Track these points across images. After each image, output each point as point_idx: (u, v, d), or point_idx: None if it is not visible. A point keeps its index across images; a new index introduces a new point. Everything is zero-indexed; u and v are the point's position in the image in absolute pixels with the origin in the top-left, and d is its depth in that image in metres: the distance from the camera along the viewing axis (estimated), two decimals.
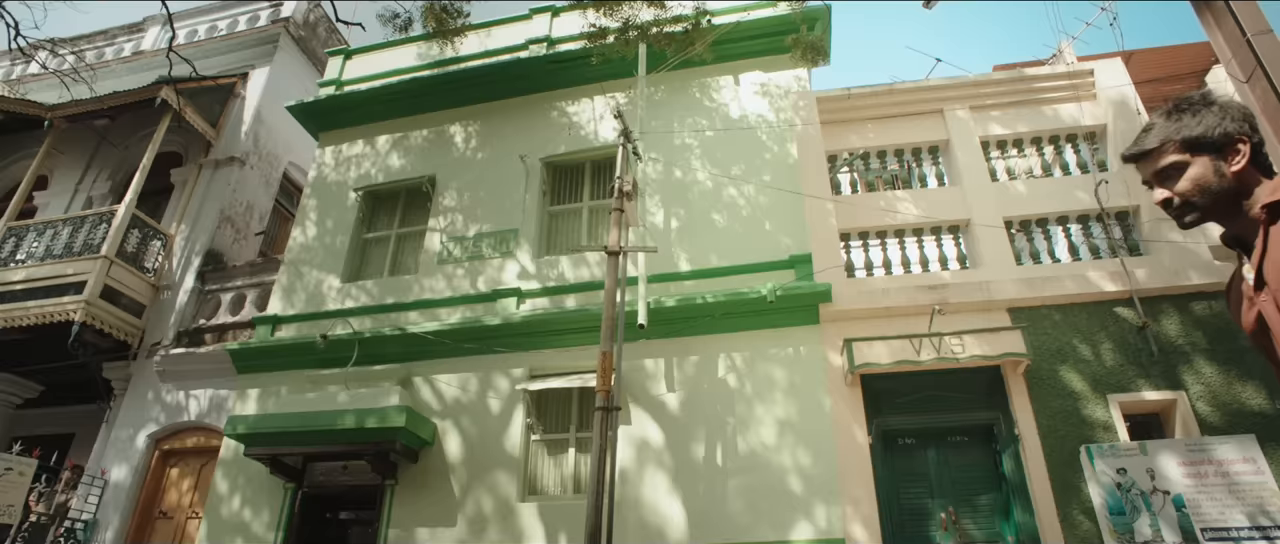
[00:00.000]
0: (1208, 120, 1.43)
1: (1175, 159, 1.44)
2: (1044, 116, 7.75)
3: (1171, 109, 1.50)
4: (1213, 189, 1.41)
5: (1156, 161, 1.47)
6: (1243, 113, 1.43)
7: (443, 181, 8.89)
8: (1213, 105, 1.44)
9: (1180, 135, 1.44)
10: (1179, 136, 1.44)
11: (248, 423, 7.13)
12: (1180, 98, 1.50)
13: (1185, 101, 1.49)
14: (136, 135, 10.77)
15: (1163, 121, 1.49)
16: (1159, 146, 1.47)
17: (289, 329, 8.41)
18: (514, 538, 6.56)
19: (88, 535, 7.71)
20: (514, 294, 7.73)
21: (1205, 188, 1.42)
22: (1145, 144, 1.50)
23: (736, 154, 8.03)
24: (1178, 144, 1.44)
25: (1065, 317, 6.53)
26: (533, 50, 9.47)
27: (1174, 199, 1.46)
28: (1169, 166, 1.45)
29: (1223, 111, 1.43)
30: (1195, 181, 1.42)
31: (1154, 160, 1.48)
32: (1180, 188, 1.44)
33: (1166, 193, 1.47)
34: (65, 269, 8.60)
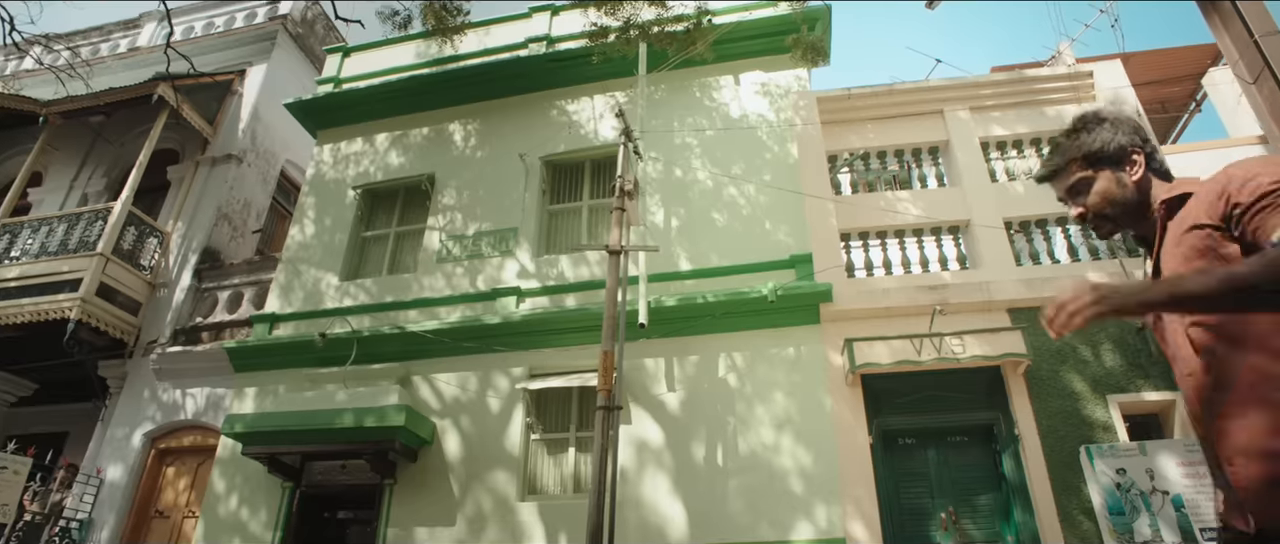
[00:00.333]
0: (1102, 135, 1.54)
1: (1080, 175, 1.55)
2: (1044, 117, 7.77)
3: (1071, 129, 1.60)
4: (1118, 199, 1.52)
5: (1065, 179, 1.58)
6: (1132, 125, 1.55)
7: (442, 180, 8.86)
8: (1105, 121, 1.56)
9: (1080, 152, 1.55)
10: (1079, 154, 1.55)
11: (246, 422, 7.09)
12: (1078, 117, 1.61)
13: (1081, 120, 1.59)
14: (133, 132, 10.70)
15: (1065, 141, 1.59)
16: (1064, 165, 1.57)
17: (287, 328, 8.37)
18: (514, 537, 6.54)
19: (83, 535, 7.65)
20: (514, 293, 7.71)
21: (1111, 199, 1.53)
22: (1051, 164, 1.60)
23: (737, 153, 8.02)
24: (1080, 161, 1.55)
25: None
26: (532, 49, 9.45)
27: (1088, 213, 1.56)
28: (1076, 183, 1.56)
29: (1115, 126, 1.55)
30: (1102, 195, 1.53)
31: (1063, 179, 1.59)
32: (1089, 202, 1.55)
33: (1080, 208, 1.57)
34: (61, 266, 8.54)
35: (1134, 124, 1.56)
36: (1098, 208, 1.54)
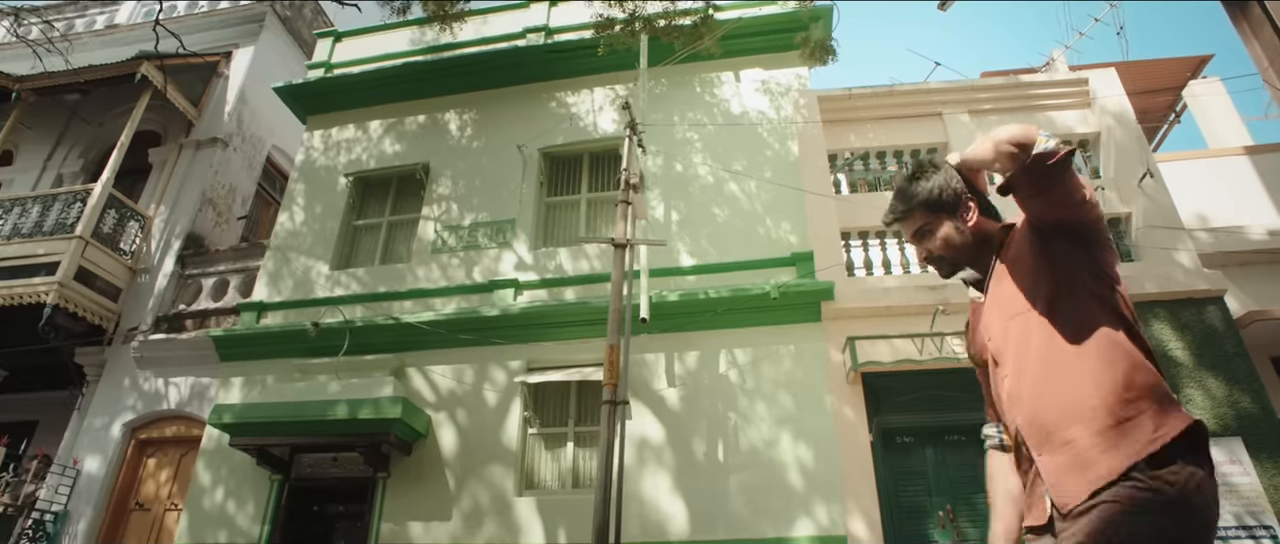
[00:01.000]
0: (937, 182, 1.65)
1: (923, 222, 1.67)
2: (1040, 123, 7.87)
3: (909, 176, 1.71)
4: (957, 244, 1.64)
5: (911, 225, 1.69)
6: (956, 182, 1.66)
7: (437, 169, 8.72)
8: (939, 169, 1.67)
9: (919, 201, 1.66)
10: (918, 202, 1.66)
11: (234, 412, 6.89)
12: (915, 164, 1.73)
13: (918, 168, 1.71)
14: (111, 112, 10.36)
15: (905, 187, 1.70)
16: (907, 212, 1.68)
17: (275, 316, 8.17)
18: (511, 532, 6.46)
19: (58, 528, 7.39)
20: (511, 285, 7.61)
21: (951, 244, 1.65)
22: (896, 211, 1.71)
23: (737, 150, 8.02)
24: (921, 209, 1.66)
25: None
26: (531, 39, 9.34)
27: (932, 255, 1.68)
28: (921, 229, 1.67)
29: (947, 175, 1.66)
30: (944, 240, 1.65)
31: (908, 224, 1.70)
32: (933, 246, 1.67)
33: (924, 250, 1.69)
34: (36, 249, 8.22)
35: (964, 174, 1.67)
36: (940, 251, 1.66)
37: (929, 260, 1.71)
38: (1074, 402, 1.37)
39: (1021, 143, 1.35)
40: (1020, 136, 1.35)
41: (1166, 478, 1.25)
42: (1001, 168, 1.43)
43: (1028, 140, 1.34)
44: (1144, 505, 1.25)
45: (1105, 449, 1.30)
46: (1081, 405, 1.36)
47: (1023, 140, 1.35)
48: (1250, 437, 5.85)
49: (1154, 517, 1.24)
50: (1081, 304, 1.45)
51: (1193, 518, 1.25)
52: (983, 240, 1.64)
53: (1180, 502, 1.25)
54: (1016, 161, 1.36)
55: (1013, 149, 1.36)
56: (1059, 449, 1.37)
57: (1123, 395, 1.34)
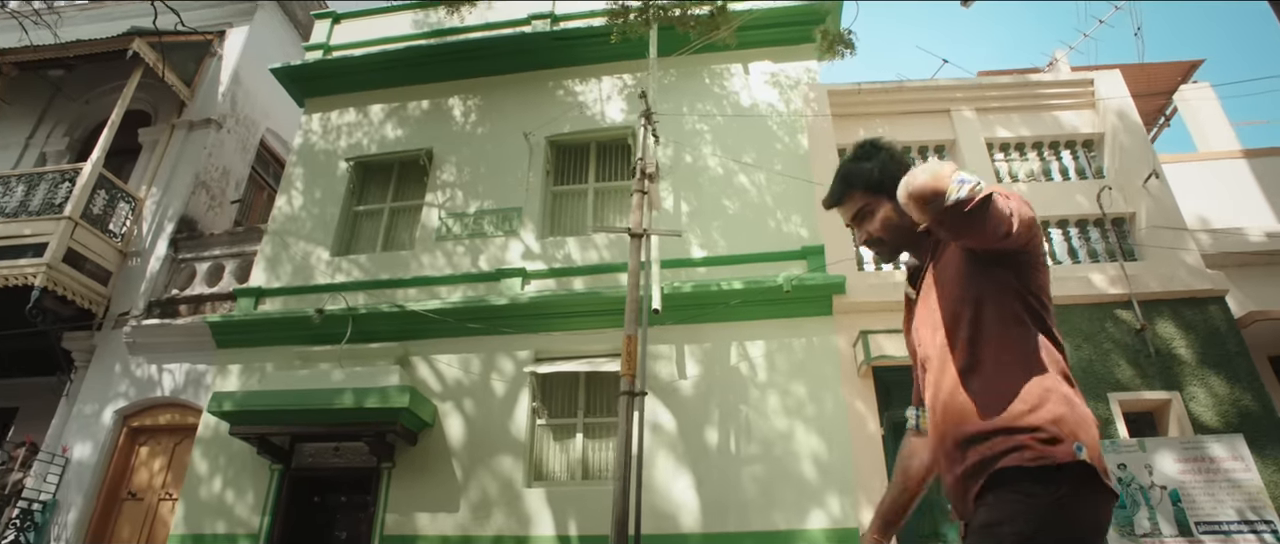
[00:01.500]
0: (883, 164, 1.63)
1: (863, 203, 1.64)
2: (1045, 122, 7.97)
3: (852, 157, 1.69)
4: (896, 225, 1.61)
5: (850, 207, 1.67)
6: (903, 157, 1.66)
7: (440, 155, 8.57)
8: (881, 151, 1.65)
9: (861, 183, 1.64)
10: (861, 184, 1.64)
11: (235, 400, 6.72)
12: (857, 145, 1.71)
13: (861, 149, 1.69)
14: (98, 89, 10.05)
15: (846, 169, 1.68)
16: (846, 193, 1.67)
17: (274, 303, 7.99)
18: (520, 523, 6.40)
19: (47, 517, 7.17)
20: (519, 274, 7.51)
21: (891, 225, 1.62)
22: (835, 193, 1.69)
23: (747, 142, 7.99)
24: (862, 191, 1.64)
25: (1069, 317, 6.72)
26: (536, 26, 9.21)
27: (871, 236, 1.65)
28: (861, 210, 1.65)
29: (889, 156, 1.64)
30: (883, 221, 1.62)
31: (848, 206, 1.67)
32: (872, 228, 1.64)
33: (864, 233, 1.66)
34: (22, 229, 7.94)
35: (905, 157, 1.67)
36: (879, 232, 1.63)
37: (868, 243, 1.69)
38: (976, 427, 1.39)
39: (928, 196, 1.26)
40: (927, 189, 1.26)
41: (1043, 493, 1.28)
42: (916, 217, 1.36)
43: (936, 192, 1.25)
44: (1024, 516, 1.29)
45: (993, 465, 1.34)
46: (982, 428, 1.38)
47: (929, 193, 1.26)
48: (1251, 434, 5.98)
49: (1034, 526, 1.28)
50: (1003, 327, 1.45)
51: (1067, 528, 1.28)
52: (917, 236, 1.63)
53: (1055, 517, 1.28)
54: (928, 212, 1.29)
55: (920, 202, 1.28)
56: (960, 463, 1.41)
57: (1020, 423, 1.35)
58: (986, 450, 1.36)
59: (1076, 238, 7.38)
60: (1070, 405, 1.38)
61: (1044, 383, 1.39)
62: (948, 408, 1.47)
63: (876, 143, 1.69)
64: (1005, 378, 1.40)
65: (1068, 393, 1.40)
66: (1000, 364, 1.42)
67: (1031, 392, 1.38)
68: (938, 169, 1.28)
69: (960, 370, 1.46)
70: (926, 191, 1.26)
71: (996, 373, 1.41)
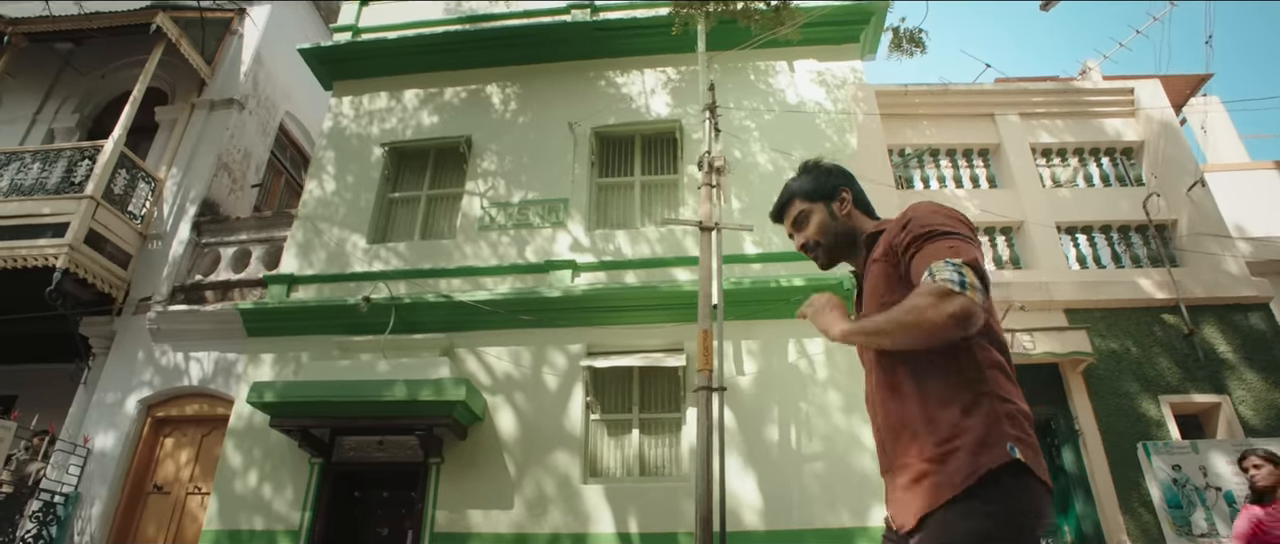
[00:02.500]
0: (818, 174, 1.77)
1: (802, 208, 1.75)
2: (1086, 129, 8.11)
3: (798, 172, 1.83)
4: (831, 230, 1.71)
5: (790, 213, 1.77)
6: (842, 171, 1.80)
7: (480, 143, 8.38)
8: (822, 165, 1.80)
9: (800, 192, 1.76)
10: (799, 193, 1.76)
11: (277, 390, 6.45)
12: (801, 164, 1.85)
13: (805, 166, 1.82)
14: (110, 64, 9.62)
15: (791, 182, 1.81)
16: (789, 201, 1.78)
17: (308, 290, 7.72)
18: (579, 521, 6.27)
19: (69, 511, 6.81)
20: (568, 266, 7.38)
21: (826, 230, 1.72)
22: (777, 204, 1.81)
23: (795, 140, 7.96)
24: (800, 196, 1.76)
25: (1117, 320, 6.86)
26: (575, 15, 9.06)
27: (808, 242, 1.74)
28: (799, 215, 1.75)
29: (829, 170, 1.78)
30: (819, 226, 1.72)
31: (789, 213, 1.78)
32: (808, 231, 1.73)
33: (802, 238, 1.75)
34: (41, 208, 7.54)
35: (844, 170, 1.80)
36: (814, 236, 1.72)
37: (806, 249, 1.75)
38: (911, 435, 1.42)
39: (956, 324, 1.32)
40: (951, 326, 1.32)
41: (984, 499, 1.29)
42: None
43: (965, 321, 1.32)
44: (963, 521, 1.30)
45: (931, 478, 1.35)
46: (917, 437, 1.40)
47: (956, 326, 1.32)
48: None
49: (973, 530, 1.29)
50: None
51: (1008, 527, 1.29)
52: (855, 235, 1.70)
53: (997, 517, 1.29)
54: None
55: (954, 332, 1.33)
56: (899, 473, 1.43)
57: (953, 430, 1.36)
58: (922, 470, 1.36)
59: (1118, 242, 7.51)
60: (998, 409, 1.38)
61: (976, 388, 1.39)
62: (885, 420, 1.50)
63: (815, 161, 1.83)
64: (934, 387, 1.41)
65: (998, 393, 1.40)
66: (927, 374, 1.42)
67: (960, 400, 1.38)
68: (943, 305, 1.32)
69: (889, 383, 1.49)
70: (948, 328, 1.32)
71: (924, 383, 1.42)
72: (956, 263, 1.35)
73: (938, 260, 1.37)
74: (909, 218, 1.52)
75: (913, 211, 1.54)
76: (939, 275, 1.34)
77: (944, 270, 1.34)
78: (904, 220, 1.52)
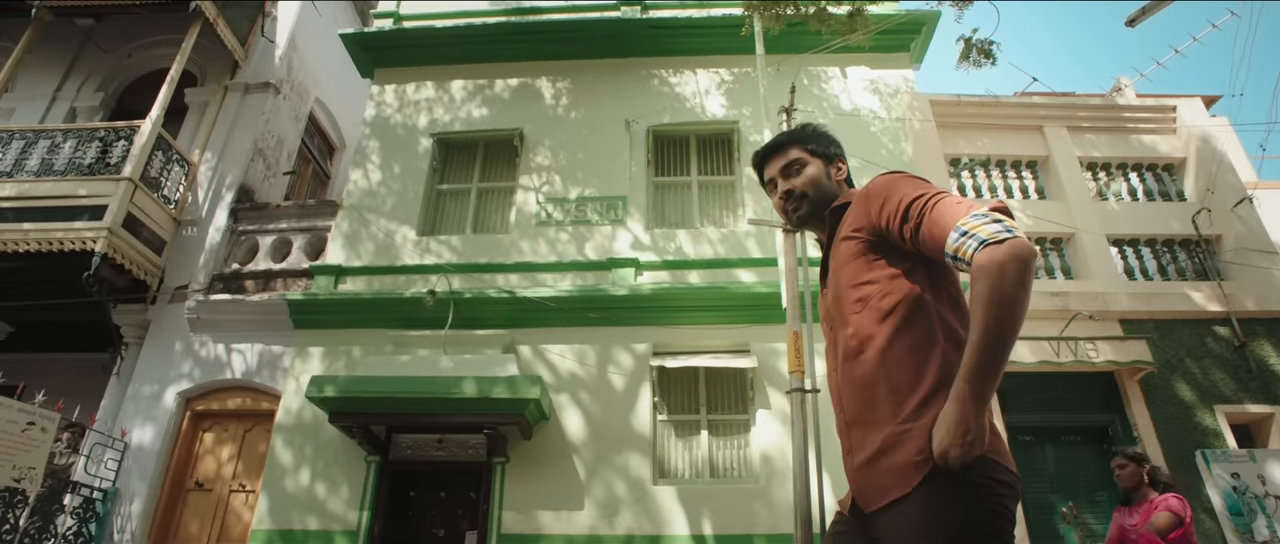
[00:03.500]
0: (822, 136, 1.75)
1: (798, 155, 1.71)
2: (1129, 144, 8.31)
3: (798, 127, 1.82)
4: (822, 186, 1.67)
5: (783, 157, 1.72)
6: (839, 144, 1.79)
7: (532, 137, 8.24)
8: (823, 130, 1.78)
9: (803, 141, 1.74)
10: (802, 139, 1.74)
11: (339, 385, 6.21)
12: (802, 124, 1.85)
13: (807, 124, 1.82)
14: (135, 43, 9.25)
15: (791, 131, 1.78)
16: (788, 144, 1.74)
17: (356, 282, 7.48)
18: (652, 523, 6.18)
19: (108, 507, 6.47)
20: (631, 265, 7.29)
21: (817, 184, 1.67)
22: (775, 142, 1.77)
23: (851, 147, 7.92)
24: (802, 146, 1.73)
25: (1171, 330, 7.03)
26: (625, 11, 8.98)
27: (794, 190, 1.68)
28: (792, 162, 1.70)
29: (831, 137, 1.78)
30: (811, 178, 1.68)
31: (781, 157, 1.73)
32: (799, 181, 1.68)
33: (788, 185, 1.69)
34: (76, 189, 7.18)
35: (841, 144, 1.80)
36: (804, 187, 1.67)
37: (788, 198, 1.69)
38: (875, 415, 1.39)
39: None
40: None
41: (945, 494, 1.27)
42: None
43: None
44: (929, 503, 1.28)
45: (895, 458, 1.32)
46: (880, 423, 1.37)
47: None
48: None
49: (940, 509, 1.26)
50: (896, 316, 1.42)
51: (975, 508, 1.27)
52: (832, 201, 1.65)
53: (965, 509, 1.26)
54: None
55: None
56: (860, 452, 1.40)
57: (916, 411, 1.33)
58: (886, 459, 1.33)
59: (1164, 255, 7.70)
60: None
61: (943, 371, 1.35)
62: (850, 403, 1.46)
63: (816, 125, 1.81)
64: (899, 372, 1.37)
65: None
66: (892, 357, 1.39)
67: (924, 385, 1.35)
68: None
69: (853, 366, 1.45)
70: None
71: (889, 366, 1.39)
72: (985, 214, 1.29)
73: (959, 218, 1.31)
74: (884, 194, 1.46)
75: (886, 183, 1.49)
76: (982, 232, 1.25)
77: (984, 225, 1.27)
78: (880, 197, 1.47)
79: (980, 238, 1.26)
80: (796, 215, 1.69)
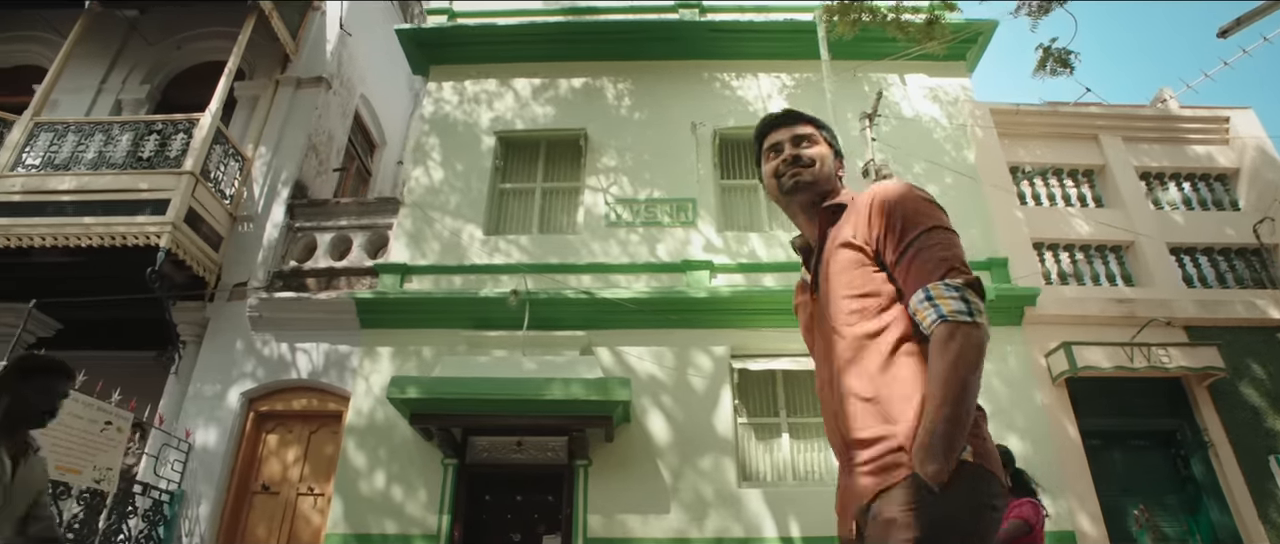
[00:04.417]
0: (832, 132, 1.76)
1: (813, 132, 1.70)
2: (1183, 154, 8.46)
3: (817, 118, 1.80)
4: (826, 167, 1.66)
5: (798, 127, 1.71)
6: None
7: (597, 138, 8.18)
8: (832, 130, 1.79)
9: (819, 126, 1.73)
10: (818, 126, 1.73)
11: (423, 386, 6.07)
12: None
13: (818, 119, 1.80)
14: (180, 34, 9.03)
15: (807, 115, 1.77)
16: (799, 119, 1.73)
17: (422, 281, 7.35)
18: (742, 526, 6.13)
19: (175, 509, 6.27)
20: (706, 267, 7.25)
21: (824, 162, 1.66)
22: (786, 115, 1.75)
23: (913, 153, 8.05)
24: (813, 125, 1.72)
25: (1237, 337, 7.14)
26: (684, 14, 8.96)
27: (803, 157, 1.66)
28: (806, 135, 1.70)
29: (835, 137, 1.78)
30: (819, 155, 1.67)
31: (796, 125, 1.72)
32: (809, 152, 1.66)
33: (796, 151, 1.67)
34: (137, 182, 6.97)
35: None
36: (811, 158, 1.65)
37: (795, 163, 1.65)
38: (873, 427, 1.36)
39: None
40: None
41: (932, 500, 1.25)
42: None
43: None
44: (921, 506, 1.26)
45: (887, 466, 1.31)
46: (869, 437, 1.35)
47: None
48: None
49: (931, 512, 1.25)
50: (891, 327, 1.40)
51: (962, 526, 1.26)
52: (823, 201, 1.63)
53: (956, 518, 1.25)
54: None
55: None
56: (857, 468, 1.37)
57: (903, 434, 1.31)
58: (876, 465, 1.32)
59: (1222, 264, 7.84)
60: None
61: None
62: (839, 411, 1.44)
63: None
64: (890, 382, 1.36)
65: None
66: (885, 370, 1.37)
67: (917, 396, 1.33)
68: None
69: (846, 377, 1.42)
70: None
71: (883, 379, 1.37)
72: (958, 287, 1.31)
73: (934, 280, 1.32)
74: (888, 209, 1.43)
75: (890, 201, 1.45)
76: (945, 307, 1.29)
77: (949, 300, 1.30)
78: (883, 210, 1.44)
79: (941, 312, 1.29)
80: (795, 180, 1.63)
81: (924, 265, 1.36)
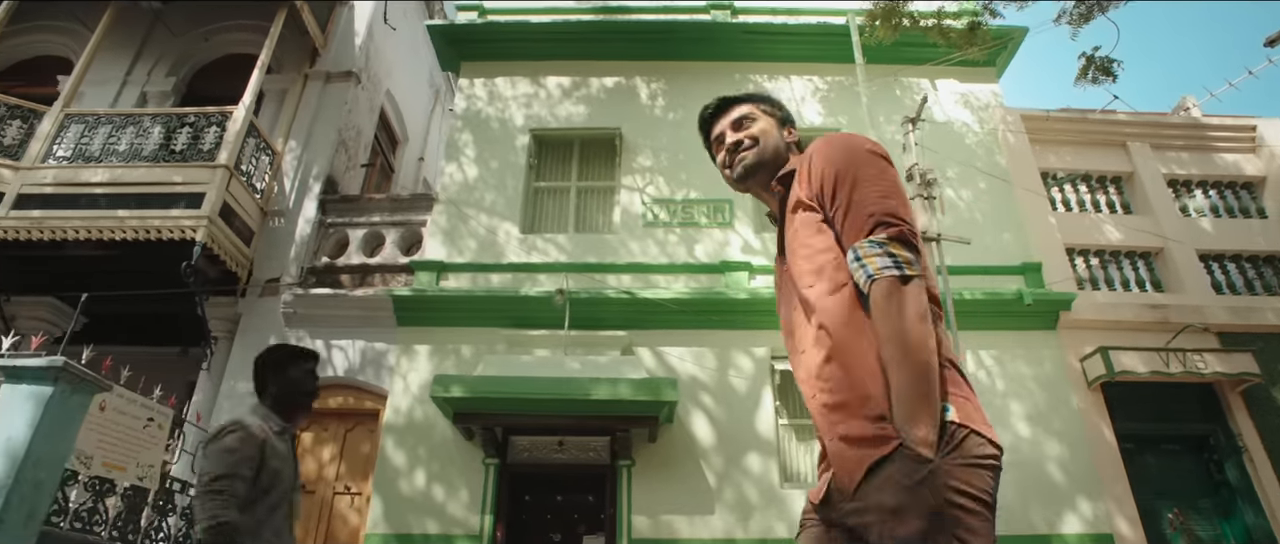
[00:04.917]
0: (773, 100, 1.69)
1: (750, 110, 1.65)
2: (1208, 162, 8.56)
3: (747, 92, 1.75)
4: (773, 142, 1.60)
5: (734, 111, 1.66)
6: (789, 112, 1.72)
7: (632, 138, 8.15)
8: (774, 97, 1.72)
9: (760, 98, 1.69)
10: (759, 98, 1.68)
11: (467, 385, 6.02)
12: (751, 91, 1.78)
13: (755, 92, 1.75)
14: (205, 27, 8.90)
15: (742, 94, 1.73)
16: (734, 102, 1.69)
17: (459, 278, 7.30)
18: (786, 526, 6.13)
19: None
20: (744, 268, 7.25)
21: (767, 137, 1.60)
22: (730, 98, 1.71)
23: (945, 158, 8.08)
24: (755, 103, 1.67)
25: (1269, 344, 7.23)
26: (716, 15, 8.96)
27: (743, 140, 1.60)
28: (744, 116, 1.64)
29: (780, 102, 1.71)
30: (762, 131, 1.61)
31: (732, 110, 1.67)
32: (750, 131, 1.61)
33: (737, 136, 1.62)
34: (171, 175, 6.87)
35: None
36: (752, 135, 1.60)
37: (736, 149, 1.61)
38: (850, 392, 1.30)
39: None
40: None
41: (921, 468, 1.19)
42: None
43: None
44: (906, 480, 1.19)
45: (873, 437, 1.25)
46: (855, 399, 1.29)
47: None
48: None
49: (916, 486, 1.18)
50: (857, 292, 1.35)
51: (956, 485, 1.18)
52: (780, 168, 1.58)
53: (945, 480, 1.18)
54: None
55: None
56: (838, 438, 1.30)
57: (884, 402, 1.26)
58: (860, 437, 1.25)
59: (1250, 271, 7.94)
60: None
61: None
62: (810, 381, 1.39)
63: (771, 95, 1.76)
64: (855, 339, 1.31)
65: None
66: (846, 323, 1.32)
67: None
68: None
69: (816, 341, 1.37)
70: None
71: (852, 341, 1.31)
72: (881, 242, 1.27)
73: (861, 239, 1.30)
74: (821, 167, 1.40)
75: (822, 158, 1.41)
76: (872, 265, 1.27)
77: (874, 257, 1.27)
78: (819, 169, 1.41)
79: (868, 271, 1.27)
80: (742, 167, 1.58)
81: (853, 224, 1.33)
